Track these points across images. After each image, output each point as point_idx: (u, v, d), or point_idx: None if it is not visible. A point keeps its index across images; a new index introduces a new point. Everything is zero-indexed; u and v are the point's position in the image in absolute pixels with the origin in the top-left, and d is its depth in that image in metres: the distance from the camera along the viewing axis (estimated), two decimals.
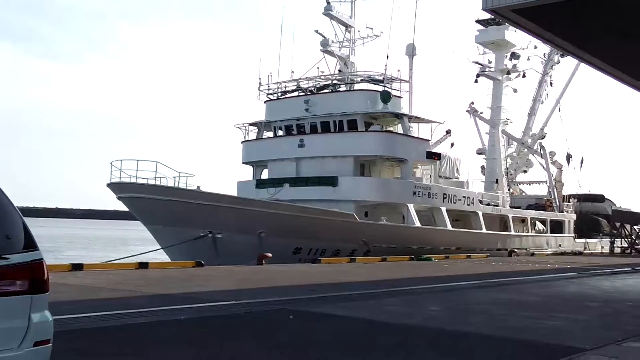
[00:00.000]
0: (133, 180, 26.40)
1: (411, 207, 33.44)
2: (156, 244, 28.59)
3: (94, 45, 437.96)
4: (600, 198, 58.89)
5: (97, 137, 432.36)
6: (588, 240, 49.94)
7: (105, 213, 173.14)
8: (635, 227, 49.87)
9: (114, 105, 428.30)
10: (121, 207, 29.60)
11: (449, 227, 35.43)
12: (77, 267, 17.95)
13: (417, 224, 33.39)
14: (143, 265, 19.54)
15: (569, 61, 49.77)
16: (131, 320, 9.56)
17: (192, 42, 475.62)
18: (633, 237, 49.57)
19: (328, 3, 36.72)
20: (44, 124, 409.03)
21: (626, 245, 49.69)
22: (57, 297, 10.51)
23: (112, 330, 8.77)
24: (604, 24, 13.44)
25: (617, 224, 50.33)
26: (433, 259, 28.38)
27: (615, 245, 49.28)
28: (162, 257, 28.34)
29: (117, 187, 27.40)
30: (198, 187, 27.44)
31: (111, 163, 26.84)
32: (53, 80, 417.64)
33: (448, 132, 40.70)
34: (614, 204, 58.71)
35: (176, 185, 26.98)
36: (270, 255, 23.13)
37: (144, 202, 26.64)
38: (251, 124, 37.83)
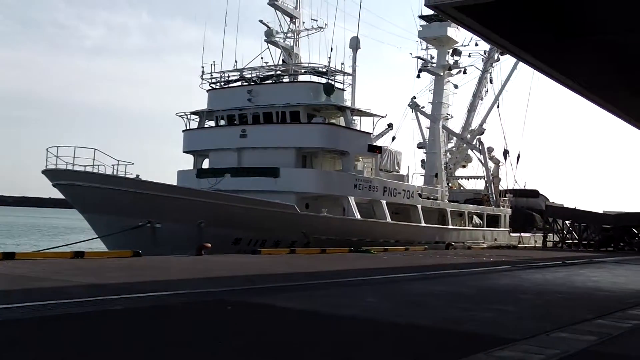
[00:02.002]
0: (70, 167, 25.82)
1: (352, 199, 33.71)
2: (93, 233, 28.04)
3: (29, 26, 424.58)
4: (534, 193, 60.63)
5: (32, 123, 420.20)
6: (522, 234, 51.34)
7: (40, 200, 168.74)
8: (566, 222, 51.54)
9: (50, 89, 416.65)
10: (57, 194, 28.89)
11: (389, 219, 35.86)
12: (9, 255, 17.36)
13: (357, 216, 33.70)
14: (78, 255, 19.06)
15: (509, 59, 51.04)
16: (65, 310, 9.35)
17: (134, 28, 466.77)
18: (564, 231, 51.20)
19: None
20: None
21: (558, 239, 51.31)
22: None
23: (43, 321, 8.56)
24: (541, 24, 13.79)
25: (550, 219, 51.90)
26: (372, 251, 28.65)
27: (547, 240, 50.81)
28: (99, 246, 27.81)
29: (52, 174, 26.73)
30: (137, 176, 27.00)
31: (47, 149, 26.22)
32: None
33: (390, 125, 41.19)
34: (548, 199, 60.56)
35: (115, 173, 26.51)
36: (209, 245, 22.96)
37: (81, 189, 26.07)
38: (193, 113, 37.40)
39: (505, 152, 54.51)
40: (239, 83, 36.93)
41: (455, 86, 51.09)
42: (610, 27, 14.06)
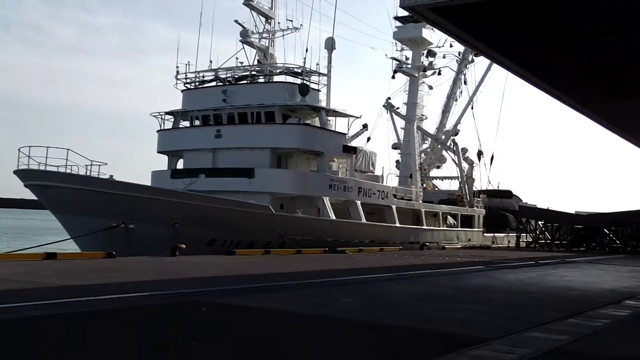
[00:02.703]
0: (42, 167, 25.54)
1: (326, 200, 33.75)
2: (66, 234, 27.73)
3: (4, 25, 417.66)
4: (508, 194, 61.17)
5: (3, 122, 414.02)
6: (496, 234, 51.75)
7: (12, 201, 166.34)
8: (539, 222, 52.06)
9: (23, 90, 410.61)
10: (30, 195, 28.52)
11: (363, 220, 35.95)
12: None
13: (332, 216, 33.75)
14: (51, 256, 18.85)
15: (483, 61, 51.51)
16: (36, 312, 9.23)
17: (109, 28, 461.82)
18: (537, 232, 51.73)
19: None
20: None
21: (531, 239, 51.83)
22: None
23: (12, 324, 8.43)
24: (515, 27, 13.93)
25: (523, 219, 52.40)
26: (347, 251, 28.69)
27: (521, 240, 51.28)
28: (72, 247, 27.50)
29: (24, 175, 26.42)
30: (111, 176, 26.78)
31: (19, 149, 25.92)
32: None
33: (364, 126, 41.32)
34: (521, 200, 61.14)
35: (88, 173, 26.26)
36: (184, 246, 22.82)
37: (54, 190, 25.78)
38: (167, 113, 37.20)
39: (479, 153, 55.04)
40: (213, 83, 36.81)
41: (430, 87, 51.51)
42: (589, 29, 14.26)
